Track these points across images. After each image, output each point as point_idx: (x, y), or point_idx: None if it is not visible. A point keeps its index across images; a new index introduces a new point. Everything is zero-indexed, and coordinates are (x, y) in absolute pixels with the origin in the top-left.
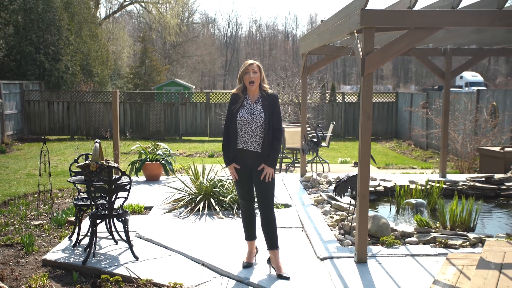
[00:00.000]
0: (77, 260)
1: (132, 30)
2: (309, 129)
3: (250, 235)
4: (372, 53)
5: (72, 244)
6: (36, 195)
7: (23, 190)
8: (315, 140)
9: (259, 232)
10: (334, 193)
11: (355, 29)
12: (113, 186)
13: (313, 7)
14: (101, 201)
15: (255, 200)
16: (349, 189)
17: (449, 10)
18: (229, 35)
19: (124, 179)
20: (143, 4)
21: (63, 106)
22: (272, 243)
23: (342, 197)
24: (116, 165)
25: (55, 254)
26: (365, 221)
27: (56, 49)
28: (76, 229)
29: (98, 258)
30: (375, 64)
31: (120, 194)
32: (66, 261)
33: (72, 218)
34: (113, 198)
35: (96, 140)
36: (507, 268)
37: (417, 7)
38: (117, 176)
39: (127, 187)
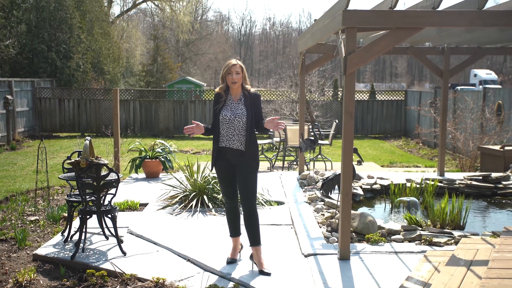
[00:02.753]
0: (66, 255)
1: (146, 28)
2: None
3: (234, 232)
4: (354, 53)
5: (63, 240)
6: (38, 191)
7: (26, 186)
8: (312, 138)
9: (244, 228)
10: (321, 191)
11: (339, 29)
12: (101, 183)
13: (326, 4)
14: (92, 197)
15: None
16: (336, 187)
17: (429, 11)
18: (242, 32)
19: (112, 176)
20: (156, 2)
21: (73, 103)
22: (254, 240)
23: (330, 194)
24: (106, 162)
25: (45, 249)
26: (348, 218)
27: (67, 47)
28: (68, 225)
29: (87, 253)
30: (357, 64)
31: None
32: (56, 256)
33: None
34: (101, 195)
35: (87, 137)
36: (476, 265)
37: (404, 7)
38: (104, 173)
39: (115, 184)
